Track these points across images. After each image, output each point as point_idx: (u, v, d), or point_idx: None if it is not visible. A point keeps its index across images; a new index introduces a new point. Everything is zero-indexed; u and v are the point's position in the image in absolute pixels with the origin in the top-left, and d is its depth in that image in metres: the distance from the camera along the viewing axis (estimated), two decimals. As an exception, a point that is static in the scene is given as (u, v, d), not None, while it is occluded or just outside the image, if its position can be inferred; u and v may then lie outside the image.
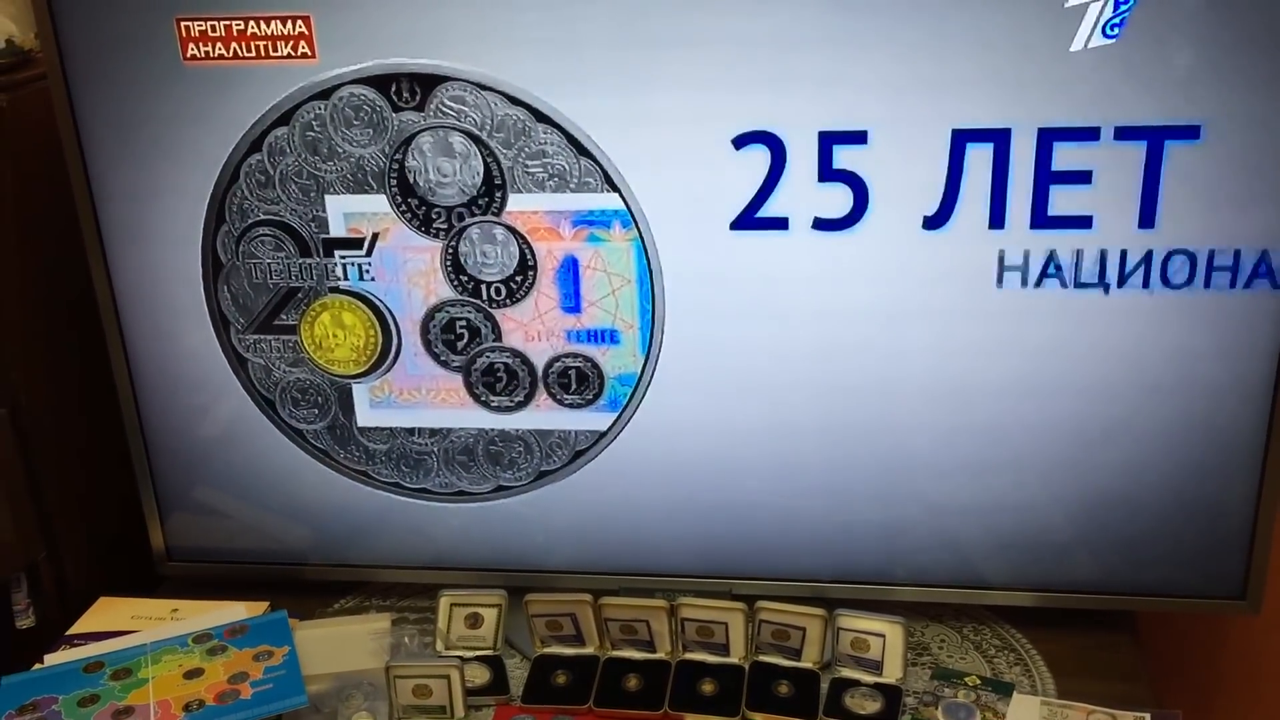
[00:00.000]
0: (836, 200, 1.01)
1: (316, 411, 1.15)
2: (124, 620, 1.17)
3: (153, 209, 1.10)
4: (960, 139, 0.97)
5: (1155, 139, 0.95)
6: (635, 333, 1.07)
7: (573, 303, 1.07)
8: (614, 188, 1.03)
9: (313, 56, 1.02)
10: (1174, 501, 1.06)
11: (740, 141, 1.00)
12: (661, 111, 1.00)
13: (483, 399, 1.12)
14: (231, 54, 1.03)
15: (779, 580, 1.14)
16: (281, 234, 1.09)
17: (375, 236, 1.08)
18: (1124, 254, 0.99)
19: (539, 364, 1.10)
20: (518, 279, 1.07)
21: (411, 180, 1.05)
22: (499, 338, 1.09)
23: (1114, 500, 1.07)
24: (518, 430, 1.13)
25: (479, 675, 1.10)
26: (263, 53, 1.02)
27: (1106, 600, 1.12)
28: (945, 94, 0.96)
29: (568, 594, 1.10)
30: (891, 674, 1.06)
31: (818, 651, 1.08)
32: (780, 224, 1.02)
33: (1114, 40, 0.93)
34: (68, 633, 1.15)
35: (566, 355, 1.09)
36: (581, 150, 1.02)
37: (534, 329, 1.09)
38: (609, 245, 1.05)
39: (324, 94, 1.03)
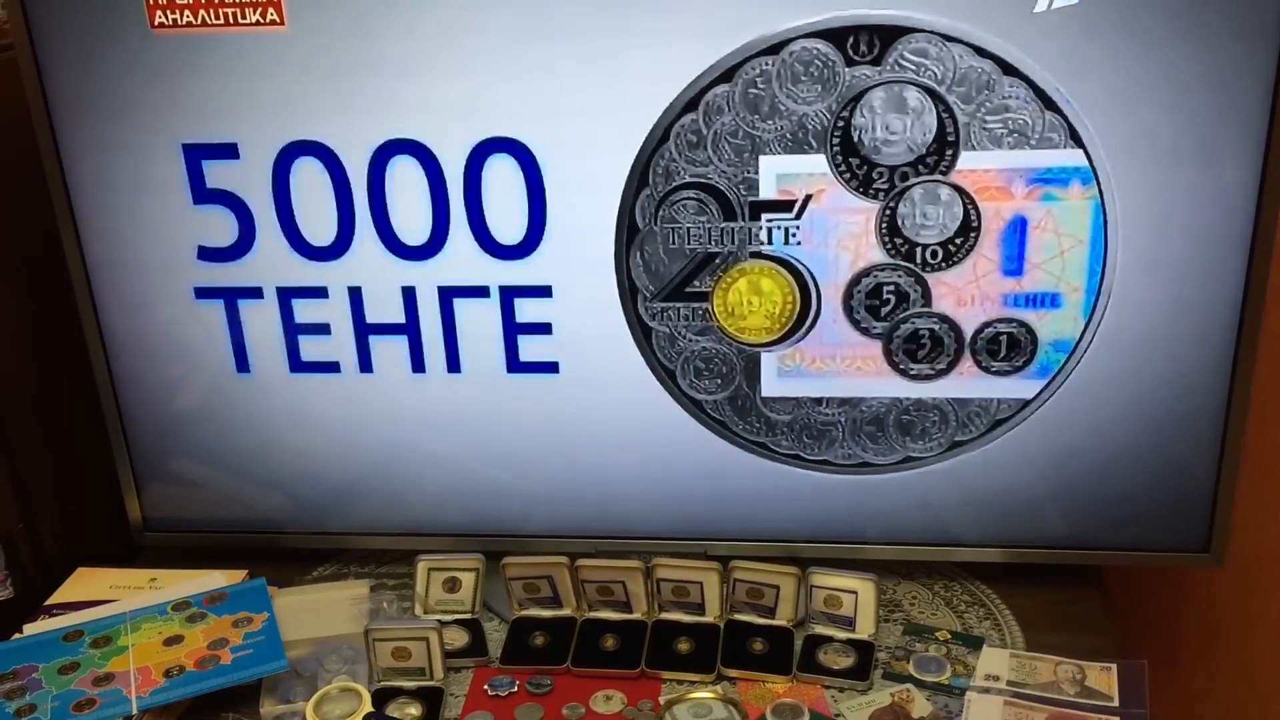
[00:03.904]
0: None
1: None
2: (103, 590, 1.17)
3: (124, 178, 1.09)
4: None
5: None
6: (1080, 296, 1.03)
7: (1015, 265, 1.03)
8: (1079, 143, 0.98)
9: (281, 23, 1.02)
10: (1139, 457, 1.08)
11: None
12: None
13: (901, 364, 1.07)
14: (200, 21, 1.02)
15: (753, 540, 1.16)
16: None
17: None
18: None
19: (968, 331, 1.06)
20: (957, 241, 1.03)
21: (856, 139, 1.01)
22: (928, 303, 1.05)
23: (1081, 457, 1.09)
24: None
25: (457, 638, 1.11)
26: (231, 19, 1.02)
27: (1074, 555, 1.14)
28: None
29: (544, 557, 1.12)
30: (864, 630, 1.08)
31: (791, 609, 1.10)
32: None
33: (1077, 1, 0.94)
34: (46, 603, 1.16)
35: (999, 320, 1.05)
36: (1049, 104, 0.98)
37: (968, 293, 1.04)
38: (1064, 204, 1.01)
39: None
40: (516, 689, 1.06)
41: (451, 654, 1.09)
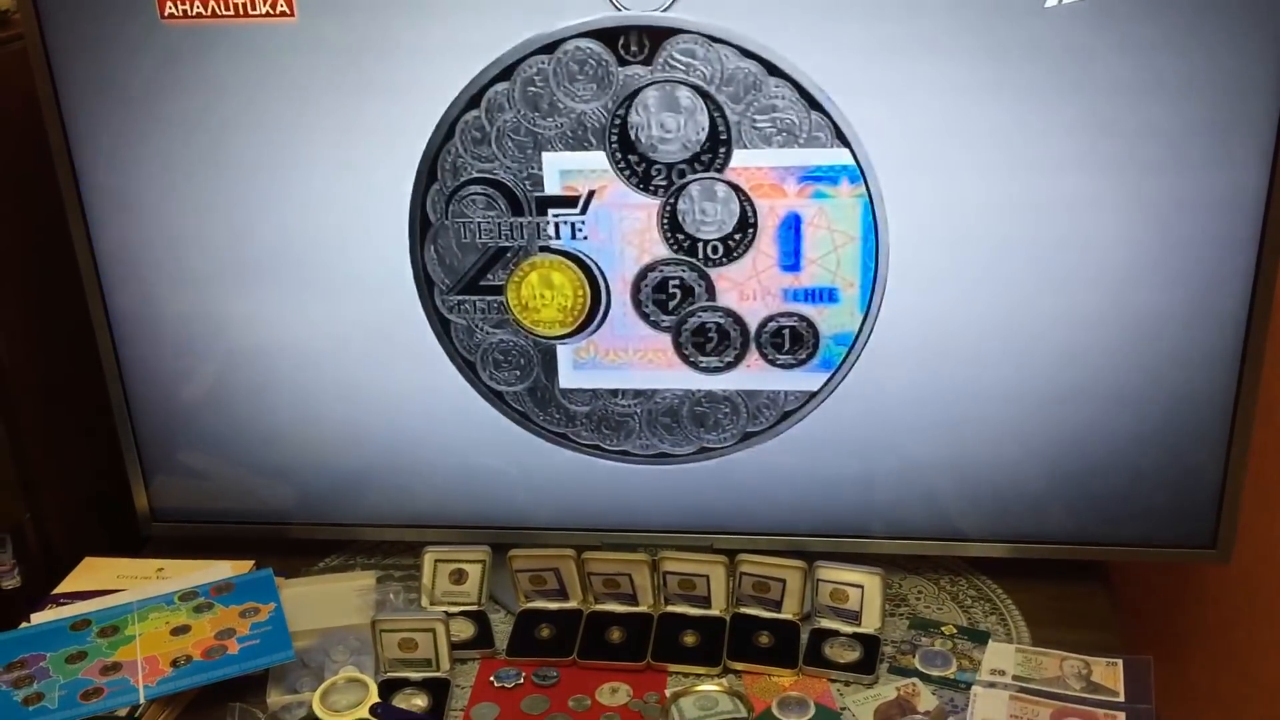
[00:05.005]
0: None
1: (299, 371, 1.16)
2: (110, 580, 1.18)
3: (133, 169, 1.09)
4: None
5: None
6: (855, 292, 1.05)
7: (792, 261, 1.06)
8: (844, 143, 1.01)
9: (291, 14, 1.02)
10: (1147, 452, 1.08)
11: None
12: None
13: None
14: (210, 11, 1.02)
15: (759, 534, 1.16)
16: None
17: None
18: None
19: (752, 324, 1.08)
20: (736, 237, 1.05)
21: (633, 137, 1.02)
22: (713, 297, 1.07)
23: (1087, 454, 1.09)
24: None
25: (464, 630, 1.11)
26: (241, 10, 1.02)
27: (1080, 551, 1.14)
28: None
29: (551, 549, 1.12)
30: (870, 624, 1.08)
31: (797, 603, 1.10)
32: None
33: (1087, -3, 0.94)
34: (54, 592, 1.16)
35: (781, 315, 1.07)
36: (813, 104, 0.99)
37: (749, 288, 1.07)
38: (835, 201, 1.03)
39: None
40: (522, 681, 1.06)
41: (458, 645, 1.09)
